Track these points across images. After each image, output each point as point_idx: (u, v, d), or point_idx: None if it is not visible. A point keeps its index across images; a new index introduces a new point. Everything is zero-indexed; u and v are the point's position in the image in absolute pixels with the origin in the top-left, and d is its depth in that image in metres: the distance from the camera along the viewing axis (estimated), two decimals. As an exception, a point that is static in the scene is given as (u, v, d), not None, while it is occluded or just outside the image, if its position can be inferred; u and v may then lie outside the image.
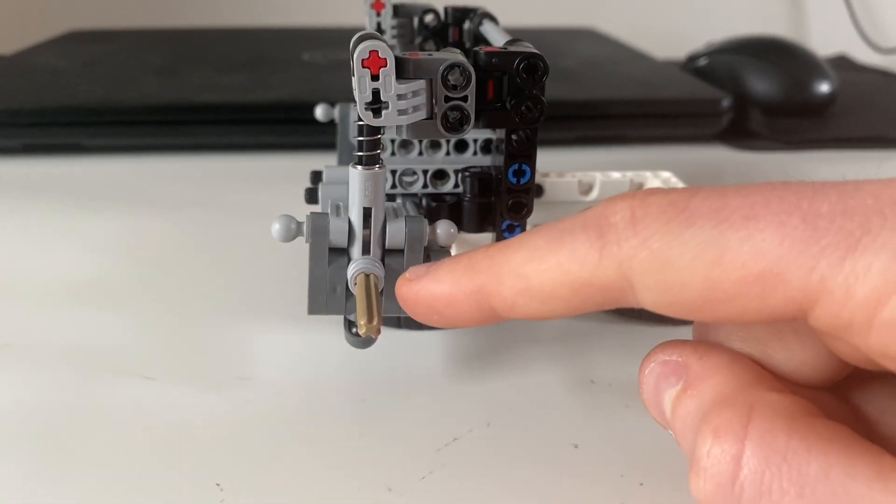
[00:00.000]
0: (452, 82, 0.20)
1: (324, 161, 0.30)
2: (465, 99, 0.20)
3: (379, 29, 0.30)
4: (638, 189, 0.31)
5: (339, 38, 0.22)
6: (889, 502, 0.13)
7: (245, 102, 0.45)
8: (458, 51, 0.21)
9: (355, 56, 0.18)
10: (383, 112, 0.19)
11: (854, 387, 0.16)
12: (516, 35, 0.23)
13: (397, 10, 0.30)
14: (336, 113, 0.32)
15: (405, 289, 0.18)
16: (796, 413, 0.14)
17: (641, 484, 0.19)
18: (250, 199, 0.38)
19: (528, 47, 0.21)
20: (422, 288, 0.17)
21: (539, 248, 0.16)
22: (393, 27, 0.30)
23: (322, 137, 0.39)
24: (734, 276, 0.13)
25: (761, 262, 0.13)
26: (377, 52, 0.18)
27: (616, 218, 0.15)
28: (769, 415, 0.14)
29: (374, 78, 0.19)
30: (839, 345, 0.15)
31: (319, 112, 0.33)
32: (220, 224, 0.35)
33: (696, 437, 0.15)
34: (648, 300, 0.15)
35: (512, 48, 0.21)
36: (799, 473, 0.13)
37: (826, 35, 0.77)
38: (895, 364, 0.13)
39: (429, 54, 0.20)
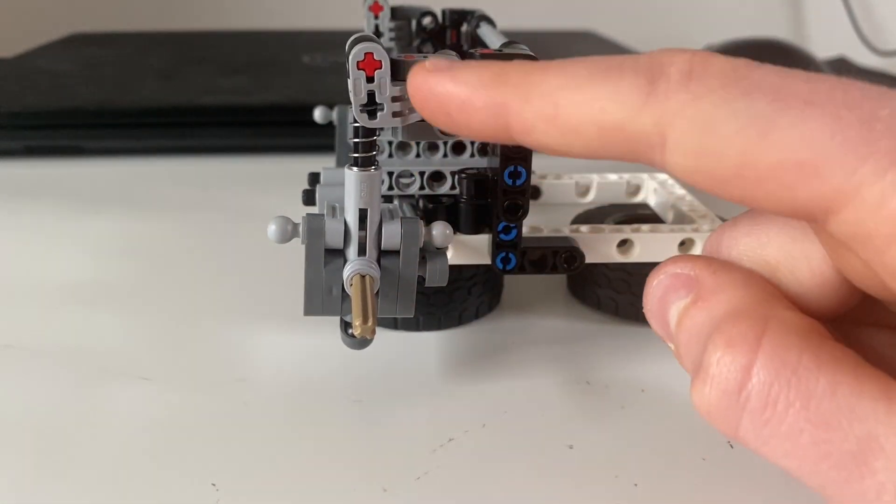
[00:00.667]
0: (447, 84, 0.20)
1: (323, 163, 0.30)
2: (460, 101, 0.20)
3: (377, 31, 0.30)
4: (635, 190, 0.31)
5: (338, 41, 0.22)
6: (892, 423, 0.13)
7: (245, 105, 0.45)
8: (454, 53, 0.21)
9: (350, 58, 0.19)
10: (378, 114, 0.19)
11: (856, 327, 0.16)
12: (515, 38, 0.23)
13: (395, 13, 0.30)
14: (335, 115, 0.32)
15: (420, 79, 0.16)
16: (810, 332, 0.14)
17: (636, 485, 0.19)
18: (249, 201, 0.38)
19: (523, 50, 0.21)
20: (438, 83, 0.16)
21: (579, 77, 0.14)
22: (391, 29, 0.30)
23: (321, 140, 0.39)
24: (774, 157, 0.13)
25: (806, 150, 0.13)
26: (372, 54, 0.19)
27: (672, 69, 0.14)
28: (783, 330, 0.14)
29: (370, 80, 0.19)
30: (850, 259, 0.14)
31: (318, 114, 0.33)
32: (219, 226, 0.35)
33: (705, 347, 0.14)
34: (675, 162, 0.14)
35: (508, 50, 0.21)
36: (807, 388, 0.13)
37: (825, 37, 0.77)
38: None
39: (424, 56, 0.20)
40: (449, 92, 0.16)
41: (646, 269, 0.25)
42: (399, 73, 0.19)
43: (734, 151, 0.13)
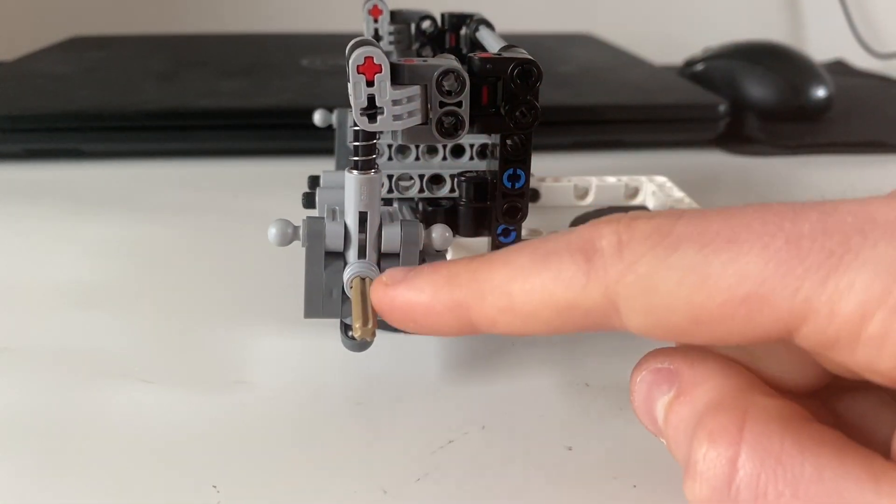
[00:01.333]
0: (447, 88, 0.20)
1: (323, 166, 0.30)
2: (459, 104, 0.20)
3: (376, 35, 0.30)
4: (633, 193, 0.32)
5: (338, 44, 0.22)
6: (880, 502, 0.13)
7: (244, 108, 0.45)
8: (453, 57, 0.21)
9: (350, 62, 0.19)
10: (378, 117, 0.19)
11: (836, 394, 0.17)
12: (514, 41, 0.23)
13: (395, 17, 0.30)
14: (334, 118, 0.33)
15: (381, 293, 0.18)
16: (789, 416, 0.14)
17: (634, 486, 0.19)
18: (249, 204, 0.38)
19: (522, 53, 0.21)
20: (398, 295, 0.17)
21: (524, 268, 0.16)
22: (390, 33, 0.30)
23: (321, 143, 0.39)
24: (719, 299, 0.14)
25: (746, 284, 0.13)
26: (372, 58, 0.19)
27: (603, 242, 0.15)
28: (763, 418, 0.14)
29: (370, 84, 0.19)
30: (826, 361, 0.15)
31: (318, 117, 0.33)
32: (219, 229, 0.35)
33: (691, 442, 0.15)
34: (634, 324, 0.15)
35: (506, 54, 0.21)
36: (793, 475, 0.13)
37: (823, 40, 0.78)
38: (882, 378, 0.13)
39: (423, 60, 0.20)
40: (410, 301, 0.17)
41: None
42: (399, 77, 0.19)
43: (682, 303, 0.14)
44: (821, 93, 0.51)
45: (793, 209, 0.14)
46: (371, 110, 0.19)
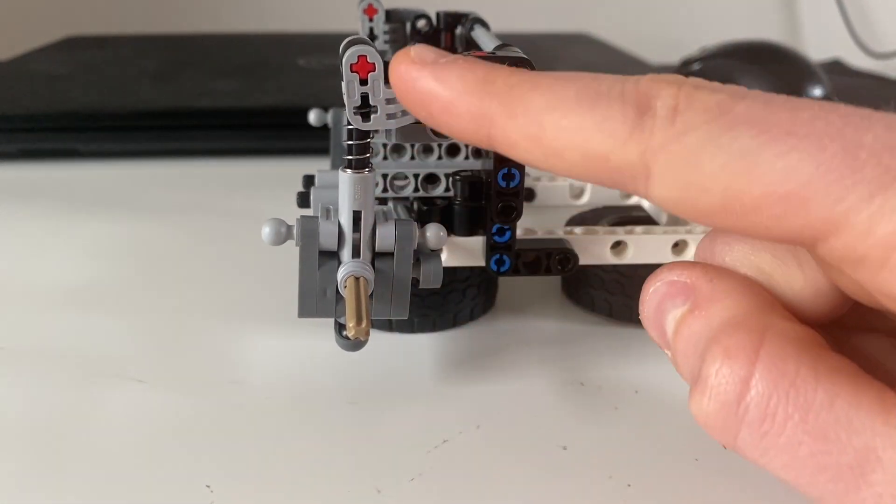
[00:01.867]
0: (441, 87, 0.20)
1: (318, 166, 0.30)
2: (453, 103, 0.20)
3: (371, 34, 0.30)
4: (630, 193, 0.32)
5: (334, 44, 0.22)
6: (890, 434, 0.13)
7: (240, 108, 0.45)
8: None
9: (344, 60, 0.19)
10: (372, 116, 0.19)
11: (848, 333, 0.16)
12: (512, 40, 0.23)
13: (390, 16, 0.30)
14: (329, 118, 0.32)
15: (402, 69, 0.16)
16: (807, 342, 0.14)
17: (629, 485, 0.19)
18: (245, 204, 0.38)
19: (516, 52, 0.21)
20: (422, 79, 0.16)
21: (567, 101, 0.14)
22: (385, 32, 0.30)
23: (316, 142, 0.39)
24: (759, 190, 0.13)
25: (791, 182, 0.13)
26: (366, 56, 0.19)
27: (658, 102, 0.14)
28: (781, 341, 0.14)
29: (363, 82, 0.19)
30: (843, 278, 0.14)
31: (313, 117, 0.33)
32: (214, 228, 0.35)
33: (703, 357, 0.14)
34: (660, 195, 0.14)
35: (500, 53, 0.21)
36: (805, 400, 0.13)
37: (820, 40, 0.78)
38: None
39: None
40: (432, 91, 0.16)
41: (640, 270, 0.25)
42: (392, 75, 0.19)
43: (719, 186, 0.13)
44: (818, 92, 0.51)
45: (861, 116, 0.13)
46: (365, 109, 0.19)
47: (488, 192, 0.23)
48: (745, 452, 0.14)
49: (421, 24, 0.30)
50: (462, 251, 0.24)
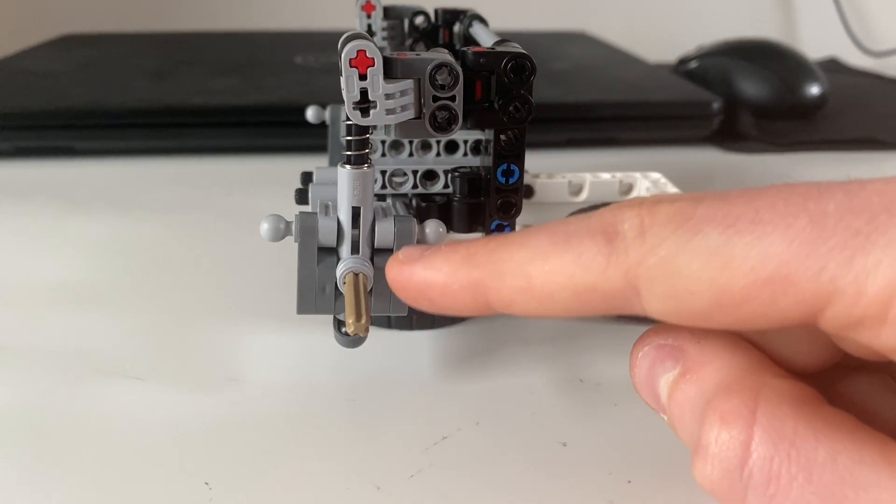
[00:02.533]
0: (440, 82, 0.20)
1: (316, 163, 0.30)
2: (452, 99, 0.20)
3: (370, 31, 0.30)
4: (627, 189, 0.31)
5: (331, 42, 0.22)
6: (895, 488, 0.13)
7: (237, 105, 0.45)
8: (447, 51, 0.21)
9: (343, 56, 0.19)
10: (371, 111, 0.19)
11: (839, 375, 0.16)
12: (509, 39, 0.23)
13: (388, 12, 0.30)
14: (327, 115, 0.32)
15: (396, 271, 0.17)
16: (801, 398, 0.14)
17: (629, 482, 0.19)
18: (242, 202, 0.38)
19: (515, 48, 0.21)
20: (414, 273, 0.17)
21: (543, 249, 0.15)
22: (383, 29, 0.30)
23: (314, 140, 0.39)
24: (742, 281, 0.13)
25: (770, 265, 0.13)
26: (365, 51, 0.19)
27: (625, 226, 0.14)
28: (775, 400, 0.14)
29: (362, 77, 0.19)
30: (847, 342, 0.14)
31: (311, 114, 0.33)
32: (212, 226, 0.35)
33: (701, 423, 0.15)
34: (655, 308, 0.14)
35: (500, 48, 0.21)
36: (807, 459, 0.13)
37: (817, 38, 0.78)
38: None
39: (417, 54, 0.20)
40: (426, 280, 0.17)
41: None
42: (392, 70, 0.19)
43: (705, 286, 0.14)
44: (814, 90, 0.51)
45: (818, 189, 0.14)
46: (364, 104, 0.19)
47: (487, 188, 0.23)
48: None
49: (419, 20, 0.30)
50: (461, 248, 0.24)
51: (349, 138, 0.20)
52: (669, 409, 0.16)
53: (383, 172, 0.26)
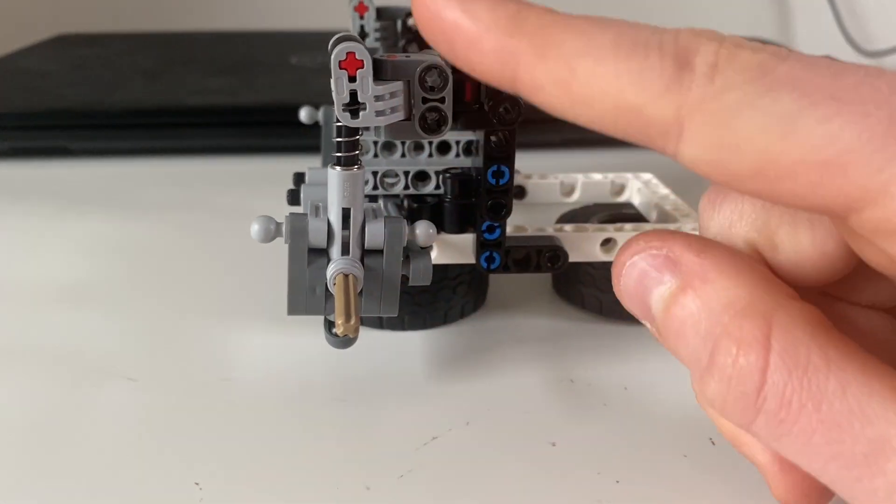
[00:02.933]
0: (430, 84, 0.20)
1: (310, 164, 0.30)
2: (442, 100, 0.20)
3: (362, 31, 0.30)
4: (619, 190, 0.32)
5: (326, 42, 0.22)
6: None
7: (233, 105, 0.45)
8: (437, 53, 0.21)
9: (332, 57, 0.19)
10: (361, 113, 0.19)
11: (833, 300, 0.17)
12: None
13: (380, 13, 0.30)
14: (320, 115, 0.32)
15: (427, 1, 0.15)
16: (814, 323, 0.14)
17: (617, 481, 0.19)
18: (236, 202, 0.38)
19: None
20: (448, 9, 0.15)
21: (603, 47, 0.14)
22: (376, 30, 0.30)
23: (308, 140, 0.39)
24: (796, 156, 0.12)
25: (831, 148, 0.12)
26: (354, 53, 0.19)
27: (698, 58, 0.13)
28: (790, 325, 0.14)
29: (352, 79, 0.19)
30: (870, 249, 0.14)
31: (304, 114, 0.33)
32: (205, 226, 0.35)
33: (714, 344, 0.14)
34: (691, 153, 0.13)
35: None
36: (818, 388, 0.13)
37: (812, 38, 0.78)
38: None
39: (406, 56, 0.20)
40: (457, 23, 0.15)
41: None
42: (381, 72, 0.19)
43: (755, 149, 0.13)
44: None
45: None
46: (353, 106, 0.19)
47: (478, 189, 0.23)
48: (760, 437, 0.14)
49: (411, 21, 0.30)
50: (452, 248, 0.24)
51: (339, 140, 0.20)
52: (665, 324, 0.15)
53: (375, 173, 0.26)
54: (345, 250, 0.21)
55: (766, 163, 0.13)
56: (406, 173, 0.26)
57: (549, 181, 0.31)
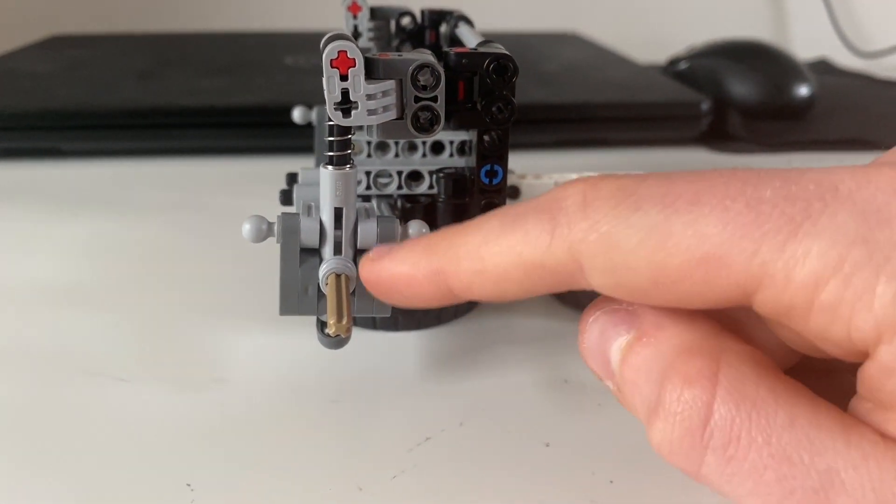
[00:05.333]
0: (422, 83, 0.20)
1: (303, 164, 0.30)
2: (434, 99, 0.20)
3: (356, 31, 0.30)
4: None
5: (320, 43, 0.22)
6: (850, 455, 0.13)
7: (226, 106, 0.45)
8: (430, 52, 0.21)
9: (324, 56, 0.19)
10: (353, 112, 0.19)
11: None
12: (498, 39, 0.23)
13: (374, 13, 0.30)
14: (314, 115, 0.32)
15: (367, 268, 0.18)
16: (762, 363, 0.14)
17: (611, 482, 0.19)
18: (230, 202, 0.38)
19: (498, 48, 0.21)
20: (382, 268, 0.18)
21: (493, 231, 0.16)
22: (370, 30, 0.30)
23: (302, 141, 0.39)
24: (678, 259, 0.14)
25: (704, 245, 0.13)
26: (346, 52, 0.19)
27: (568, 202, 0.15)
28: (737, 363, 0.14)
29: (343, 78, 0.19)
30: (783, 331, 0.15)
31: (297, 114, 0.33)
32: (198, 227, 0.35)
33: (661, 385, 0.15)
34: (597, 282, 0.15)
35: (482, 49, 0.21)
36: (767, 421, 0.13)
37: (807, 39, 0.78)
38: (834, 348, 0.14)
39: (399, 55, 0.20)
40: (393, 273, 0.17)
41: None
42: (373, 71, 0.19)
43: (643, 262, 0.14)
44: (804, 91, 0.51)
45: (757, 175, 0.14)
46: (345, 105, 0.19)
47: (472, 188, 0.23)
48: (709, 480, 0.14)
49: (405, 21, 0.30)
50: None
51: (331, 139, 0.20)
52: (622, 374, 0.16)
53: (368, 173, 0.26)
54: (337, 250, 0.21)
55: (657, 272, 0.14)
56: (399, 173, 0.26)
57: (543, 181, 0.31)
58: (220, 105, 0.45)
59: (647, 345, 0.15)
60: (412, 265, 0.17)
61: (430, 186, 0.26)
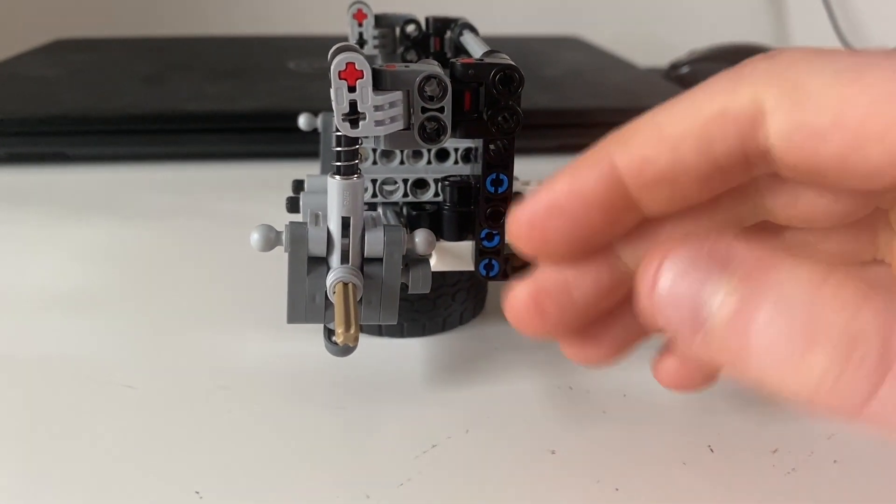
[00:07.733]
0: (429, 93, 0.20)
1: (308, 170, 0.30)
2: (441, 110, 0.20)
3: (361, 39, 0.30)
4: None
5: (325, 47, 0.22)
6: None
7: (231, 111, 0.45)
8: (436, 62, 0.21)
9: (332, 68, 0.19)
10: (360, 123, 0.19)
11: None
12: (501, 44, 0.23)
13: (379, 21, 0.30)
14: (319, 122, 0.32)
15: (516, 215, 0.17)
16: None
17: (617, 489, 0.19)
18: (234, 208, 0.38)
19: (504, 59, 0.21)
20: (538, 200, 0.17)
21: (672, 103, 0.16)
22: (375, 37, 0.30)
23: (306, 146, 0.39)
24: (871, 96, 0.13)
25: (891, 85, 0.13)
26: (354, 63, 0.19)
27: (755, 61, 0.15)
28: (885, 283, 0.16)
29: (351, 89, 0.19)
30: None
31: (303, 121, 0.33)
32: (204, 233, 0.35)
33: (809, 313, 0.13)
34: (778, 127, 0.14)
35: (489, 60, 0.21)
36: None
37: (808, 43, 0.78)
38: None
39: (406, 66, 0.20)
40: (552, 195, 0.17)
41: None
42: (381, 82, 0.19)
43: (831, 100, 0.14)
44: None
45: None
46: (353, 116, 0.19)
47: (477, 196, 0.23)
48: (878, 414, 0.13)
49: (410, 28, 0.30)
50: (451, 256, 0.24)
51: (339, 149, 0.20)
52: (732, 322, 0.13)
53: (374, 181, 0.26)
54: (344, 259, 0.21)
55: (844, 109, 0.14)
56: (405, 181, 0.26)
57: (547, 188, 0.31)
58: (225, 110, 0.45)
59: (769, 285, 0.13)
60: (570, 177, 0.16)
61: (436, 194, 0.26)
